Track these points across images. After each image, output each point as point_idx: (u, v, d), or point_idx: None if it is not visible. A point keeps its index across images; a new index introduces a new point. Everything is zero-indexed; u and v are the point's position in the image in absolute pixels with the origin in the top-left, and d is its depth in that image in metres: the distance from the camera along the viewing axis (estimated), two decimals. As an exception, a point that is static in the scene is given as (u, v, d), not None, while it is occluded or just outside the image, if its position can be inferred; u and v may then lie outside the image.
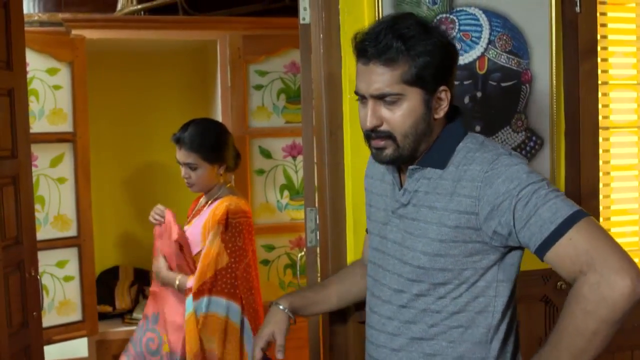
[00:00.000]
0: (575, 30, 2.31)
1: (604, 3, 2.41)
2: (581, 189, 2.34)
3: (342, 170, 2.15)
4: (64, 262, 3.49)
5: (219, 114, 3.65)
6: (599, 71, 2.37)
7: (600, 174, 2.40)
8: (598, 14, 2.36)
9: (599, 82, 2.37)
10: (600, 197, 2.40)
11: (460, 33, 2.16)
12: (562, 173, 2.32)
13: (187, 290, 2.56)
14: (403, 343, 1.58)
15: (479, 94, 2.19)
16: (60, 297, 3.48)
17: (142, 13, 3.90)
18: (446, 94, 1.53)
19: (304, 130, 2.29)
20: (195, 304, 2.53)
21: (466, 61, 2.17)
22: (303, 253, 2.45)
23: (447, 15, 2.15)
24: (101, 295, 3.82)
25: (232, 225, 2.57)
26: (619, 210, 2.48)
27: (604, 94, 2.43)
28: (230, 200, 2.60)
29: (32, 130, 2.92)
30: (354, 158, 2.11)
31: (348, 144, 2.13)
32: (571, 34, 2.31)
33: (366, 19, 2.10)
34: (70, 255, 3.52)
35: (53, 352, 3.43)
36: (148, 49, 4.16)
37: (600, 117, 2.38)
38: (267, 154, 3.66)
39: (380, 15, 2.07)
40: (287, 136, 3.67)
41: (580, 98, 2.32)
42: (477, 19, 2.17)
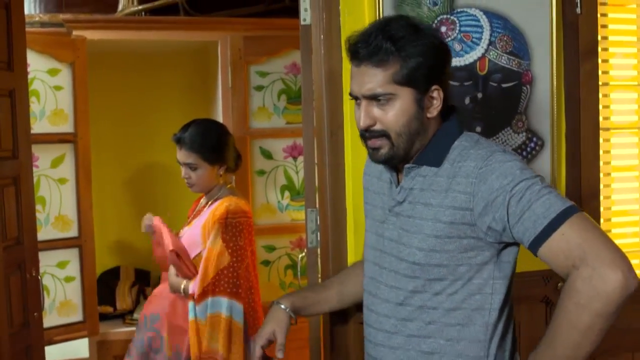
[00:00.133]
0: (576, 31, 2.31)
1: (604, 4, 2.41)
2: (582, 190, 2.34)
3: (342, 171, 2.15)
4: (65, 262, 3.49)
5: (219, 114, 3.65)
6: (600, 72, 2.37)
7: (601, 175, 2.40)
8: (599, 15, 2.36)
9: (600, 83, 2.37)
10: (601, 198, 2.40)
11: (461, 34, 2.16)
12: (563, 174, 2.32)
13: (189, 295, 2.57)
14: (401, 341, 1.59)
15: (480, 95, 2.19)
16: (61, 298, 3.48)
17: (143, 14, 3.90)
18: (439, 93, 1.55)
19: (304, 131, 2.30)
20: (199, 308, 2.53)
21: (467, 62, 2.17)
22: (304, 254, 2.45)
23: (448, 16, 2.15)
24: (102, 295, 3.81)
25: (232, 224, 2.57)
26: (619, 211, 2.48)
27: (605, 95, 2.43)
28: (230, 201, 2.60)
29: (33, 131, 2.91)
30: (355, 159, 2.11)
31: (349, 144, 2.13)
32: (572, 35, 2.31)
33: (367, 19, 2.10)
34: (71, 256, 3.51)
35: (54, 352, 3.43)
36: (149, 50, 4.16)
37: (600, 118, 2.38)
38: (267, 155, 3.66)
39: (381, 16, 2.07)
40: (287, 137, 3.67)
41: (580, 99, 2.33)
42: (478, 20, 2.17)
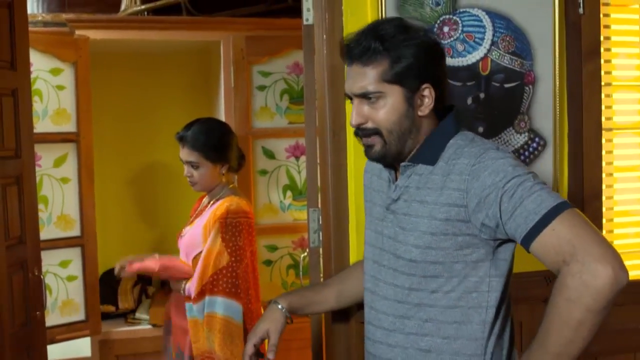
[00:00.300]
0: (579, 31, 2.31)
1: (607, 4, 2.40)
2: (584, 190, 2.34)
3: (344, 171, 2.15)
4: (67, 261, 3.50)
5: (222, 114, 3.65)
6: (602, 72, 2.37)
7: (603, 175, 2.40)
8: (601, 15, 2.36)
9: (602, 84, 2.37)
10: (603, 198, 2.40)
11: (464, 34, 2.16)
12: (565, 174, 2.32)
13: (186, 297, 2.58)
14: (399, 338, 1.60)
15: (482, 95, 2.19)
16: (64, 297, 3.48)
17: (145, 13, 3.90)
18: (430, 91, 1.56)
19: (306, 131, 2.30)
20: (197, 307, 2.53)
21: (469, 62, 2.18)
22: (306, 253, 2.45)
23: (451, 16, 2.15)
24: (104, 295, 3.82)
25: (232, 224, 2.57)
26: (621, 211, 2.48)
27: (607, 95, 2.42)
28: (232, 201, 2.61)
29: (35, 130, 2.92)
30: (357, 158, 2.11)
31: (351, 144, 2.13)
32: (574, 35, 2.31)
33: (369, 19, 2.09)
34: (73, 255, 3.52)
35: (56, 351, 3.43)
36: (151, 50, 4.16)
37: (603, 119, 2.38)
38: (270, 155, 3.66)
39: (384, 16, 2.07)
40: (290, 137, 3.67)
41: (583, 99, 2.32)
42: (481, 20, 2.17)
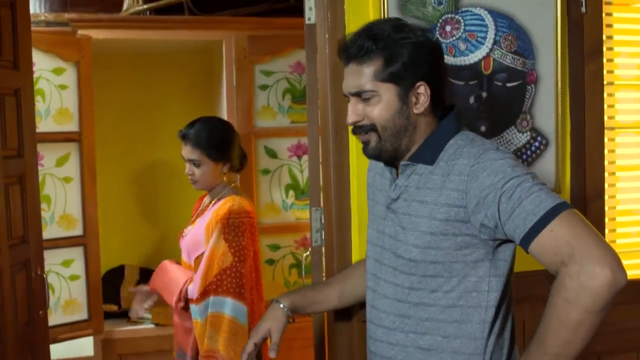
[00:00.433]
0: (581, 30, 2.31)
1: (609, 3, 2.40)
2: (586, 190, 2.34)
3: (347, 170, 2.15)
4: (70, 261, 3.50)
5: (224, 113, 3.65)
6: (605, 71, 2.37)
7: (606, 174, 2.39)
8: (604, 15, 2.36)
9: (605, 83, 2.37)
10: (606, 197, 2.40)
11: (466, 33, 2.16)
12: (568, 173, 2.32)
13: (189, 299, 2.57)
14: (399, 337, 1.61)
15: (484, 94, 2.19)
16: (66, 296, 3.49)
17: (147, 13, 3.90)
18: (425, 89, 1.56)
19: (309, 130, 2.30)
20: (199, 307, 2.53)
21: (471, 61, 2.17)
22: (308, 253, 2.45)
23: (453, 15, 2.15)
24: (107, 294, 3.82)
25: (234, 224, 2.56)
26: (624, 210, 2.48)
27: (610, 95, 2.42)
28: (234, 201, 2.60)
29: (38, 130, 2.93)
30: (359, 158, 2.11)
31: (353, 143, 2.13)
32: (577, 34, 2.30)
33: (371, 18, 2.09)
34: (76, 255, 3.52)
35: (59, 350, 3.44)
36: (154, 49, 4.16)
37: (605, 118, 2.38)
38: (272, 154, 3.66)
39: (386, 15, 2.07)
40: (292, 136, 3.67)
41: (585, 98, 2.32)
42: (483, 19, 2.17)
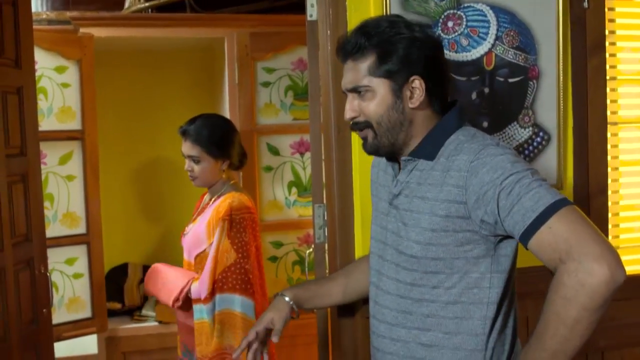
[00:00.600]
0: (583, 25, 2.31)
1: (612, -2, 2.41)
2: (589, 185, 2.34)
3: (349, 167, 2.15)
4: (73, 259, 3.50)
5: (226, 111, 3.65)
6: (607, 66, 2.37)
7: (609, 169, 2.39)
8: (606, 9, 2.35)
9: (607, 78, 2.37)
10: (609, 192, 2.39)
11: (468, 29, 2.16)
12: (570, 169, 2.32)
13: (194, 300, 2.57)
14: (401, 333, 1.61)
15: (486, 90, 2.19)
16: (70, 294, 3.49)
17: (149, 11, 3.90)
18: (420, 83, 1.56)
19: (311, 127, 2.30)
20: (208, 307, 2.52)
21: (473, 57, 2.17)
22: (311, 249, 2.45)
23: (455, 11, 2.15)
24: (110, 292, 3.82)
25: (236, 221, 2.57)
26: (627, 205, 2.48)
27: (612, 90, 2.42)
28: (233, 197, 2.61)
29: (40, 128, 2.92)
30: (362, 154, 2.10)
31: (355, 140, 2.13)
32: (579, 29, 2.30)
33: (373, 14, 2.09)
34: (79, 253, 3.52)
35: (63, 348, 3.45)
36: (155, 47, 4.16)
37: (608, 113, 2.38)
38: (275, 151, 3.66)
39: (388, 11, 2.07)
40: (294, 133, 3.67)
41: (588, 93, 2.32)
42: (485, 15, 2.17)
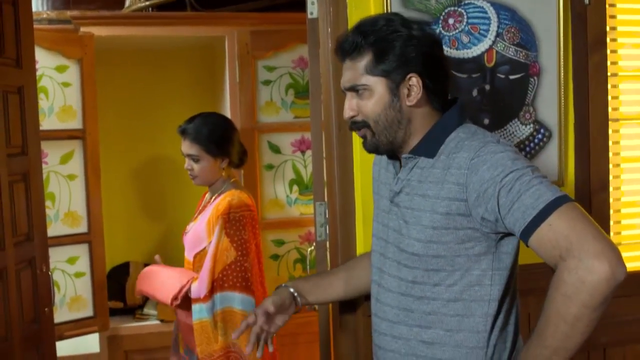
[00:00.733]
0: (584, 22, 2.30)
1: (613, -6, 2.40)
2: (591, 182, 2.34)
3: (351, 164, 2.15)
4: (75, 258, 3.51)
5: (227, 109, 3.65)
6: (609, 63, 2.36)
7: (610, 166, 2.39)
8: (607, 5, 2.35)
9: (609, 74, 2.36)
10: (610, 189, 2.39)
11: (469, 26, 2.16)
12: (571, 165, 2.31)
13: (193, 299, 2.56)
14: (403, 330, 1.61)
15: (487, 87, 2.19)
16: (72, 293, 3.50)
17: (149, 10, 3.90)
18: (417, 81, 1.56)
19: (312, 125, 2.30)
20: (208, 306, 2.52)
21: (474, 54, 2.17)
22: (313, 247, 2.45)
23: (456, 8, 2.14)
24: (112, 291, 3.83)
25: (235, 219, 2.56)
26: (628, 202, 2.47)
27: (614, 86, 2.41)
28: (233, 195, 2.60)
29: (42, 128, 2.93)
30: (363, 152, 2.08)
31: (357, 138, 2.12)
32: (580, 25, 2.30)
33: (373, 12, 2.09)
34: (81, 252, 3.53)
35: (65, 347, 3.45)
36: (156, 46, 4.17)
37: (609, 109, 2.37)
38: (276, 149, 3.66)
39: (388, 9, 2.07)
40: (295, 131, 3.67)
41: (589, 90, 2.32)
42: (485, 12, 2.17)
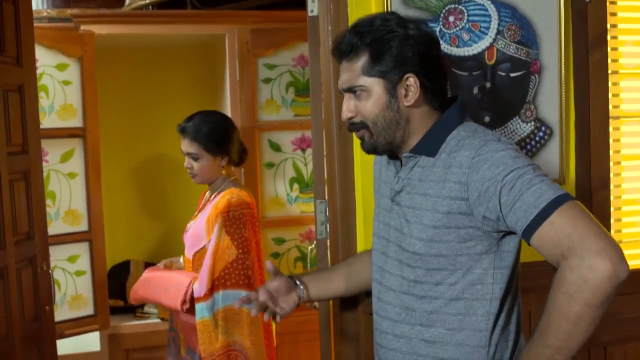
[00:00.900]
0: (585, 19, 2.30)
1: (613, -8, 2.40)
2: (591, 179, 2.34)
3: (351, 163, 2.15)
4: (76, 256, 3.51)
5: (228, 107, 3.65)
6: (609, 60, 2.36)
7: (611, 163, 2.39)
8: (608, 3, 2.34)
9: (609, 72, 2.36)
10: (611, 187, 2.39)
11: (469, 23, 2.16)
12: (572, 163, 2.31)
13: (196, 298, 2.56)
14: (405, 329, 1.61)
15: (488, 85, 2.19)
16: (72, 292, 3.50)
17: (150, 8, 3.90)
18: (415, 81, 1.56)
19: (313, 123, 2.30)
20: (208, 305, 2.52)
21: (475, 52, 2.17)
22: (313, 245, 2.45)
23: (456, 5, 2.14)
24: (112, 289, 3.83)
25: (235, 217, 2.56)
26: (629, 200, 2.47)
27: (614, 84, 2.41)
28: (232, 193, 2.60)
29: (42, 126, 2.92)
30: (363, 150, 2.11)
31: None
32: (580, 23, 2.29)
33: (374, 10, 2.09)
34: (81, 250, 3.53)
35: (65, 346, 3.45)
36: (156, 44, 4.16)
37: (610, 107, 2.37)
38: (276, 147, 3.66)
39: (389, 6, 2.07)
40: (296, 129, 3.67)
41: (590, 88, 2.32)
42: (486, 9, 2.17)
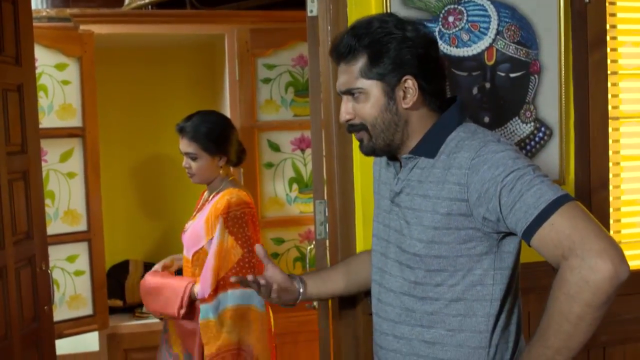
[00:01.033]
0: (584, 20, 2.30)
1: (613, -8, 2.40)
2: (591, 180, 2.34)
3: (350, 163, 2.15)
4: (75, 256, 3.51)
5: (227, 107, 3.65)
6: (609, 61, 2.36)
7: (610, 164, 2.38)
8: (607, 4, 2.34)
9: (609, 72, 2.36)
10: (610, 187, 2.39)
11: (469, 24, 2.16)
12: (572, 164, 2.31)
13: (200, 299, 2.55)
14: (405, 330, 1.61)
15: (488, 85, 2.18)
16: (71, 292, 3.49)
17: (149, 8, 3.90)
18: (413, 83, 1.56)
19: (312, 123, 2.29)
20: (213, 305, 2.51)
21: (474, 52, 2.17)
22: (312, 246, 2.45)
23: (456, 6, 2.14)
24: (111, 289, 3.83)
25: (236, 217, 2.56)
26: (629, 200, 2.47)
27: (614, 84, 2.41)
28: (231, 193, 2.60)
29: (41, 126, 2.93)
30: (363, 150, 2.11)
31: (356, 136, 2.13)
32: (580, 24, 2.29)
33: (373, 10, 2.09)
34: (80, 250, 3.53)
35: (64, 346, 3.45)
36: (156, 44, 4.16)
37: (609, 107, 2.37)
38: (275, 147, 3.66)
39: (388, 6, 2.07)
40: (295, 129, 3.67)
41: (589, 88, 2.32)
42: (486, 10, 2.16)
